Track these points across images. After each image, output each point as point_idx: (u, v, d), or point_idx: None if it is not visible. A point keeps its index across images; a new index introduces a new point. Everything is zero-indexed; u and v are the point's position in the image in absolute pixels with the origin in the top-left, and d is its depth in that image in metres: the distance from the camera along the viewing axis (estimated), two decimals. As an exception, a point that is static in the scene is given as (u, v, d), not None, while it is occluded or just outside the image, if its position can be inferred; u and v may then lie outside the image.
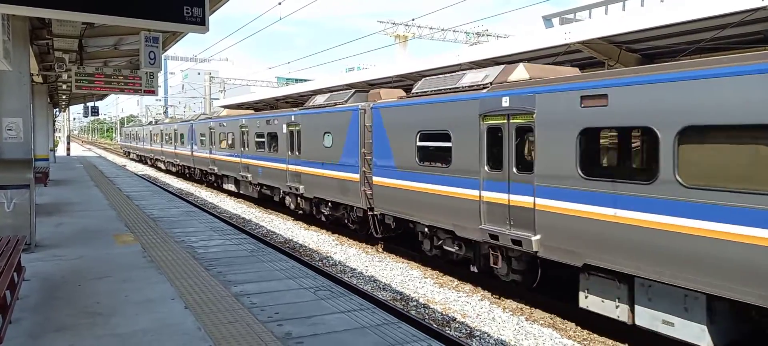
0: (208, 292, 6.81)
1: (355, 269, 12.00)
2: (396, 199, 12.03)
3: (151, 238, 10.29)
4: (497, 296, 10.13)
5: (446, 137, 10.38)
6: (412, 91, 11.91)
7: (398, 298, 9.99)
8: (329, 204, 15.19)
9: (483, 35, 41.26)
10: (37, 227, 9.55)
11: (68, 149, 48.55)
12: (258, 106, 29.59)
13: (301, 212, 17.21)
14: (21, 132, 8.79)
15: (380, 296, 9.76)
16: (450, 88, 10.72)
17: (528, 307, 9.55)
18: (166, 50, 13.83)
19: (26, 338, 5.25)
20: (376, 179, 12.72)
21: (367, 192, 13.08)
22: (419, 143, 11.22)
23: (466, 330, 8.45)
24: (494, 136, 9.38)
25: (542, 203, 8.36)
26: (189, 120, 31.16)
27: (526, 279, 9.42)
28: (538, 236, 8.45)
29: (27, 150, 8.91)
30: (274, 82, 55.41)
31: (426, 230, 11.30)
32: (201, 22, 4.68)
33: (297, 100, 26.42)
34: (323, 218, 16.00)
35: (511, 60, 12.44)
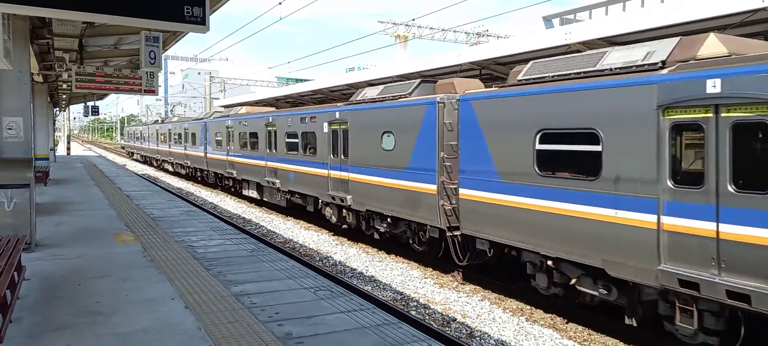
0: (208, 292, 6.81)
1: (355, 269, 12.00)
2: (497, 219, 9.36)
3: (152, 237, 10.28)
4: (498, 297, 10.12)
5: (591, 138, 7.70)
6: (519, 76, 9.29)
7: (398, 298, 9.99)
8: (388, 219, 12.60)
9: (483, 36, 41.26)
10: (37, 227, 9.55)
11: (68, 149, 48.56)
12: (279, 103, 27.75)
13: (345, 226, 14.92)
14: (21, 131, 8.79)
15: (380, 296, 9.76)
16: (591, 72, 7.99)
17: (528, 307, 9.55)
18: (166, 50, 13.84)
19: (26, 338, 5.24)
20: (464, 192, 10.06)
21: (447, 207, 10.63)
22: (540, 147, 8.51)
23: (467, 331, 8.45)
24: (684, 136, 6.90)
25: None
26: (201, 119, 28.25)
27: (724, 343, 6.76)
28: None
29: (27, 149, 8.91)
30: (274, 82, 55.42)
31: (548, 263, 8.59)
32: (201, 22, 4.67)
33: (300, 100, 25.71)
34: (377, 236, 13.70)
35: (512, 61, 12.45)
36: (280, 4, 20.65)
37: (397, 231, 12.64)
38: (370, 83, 16.88)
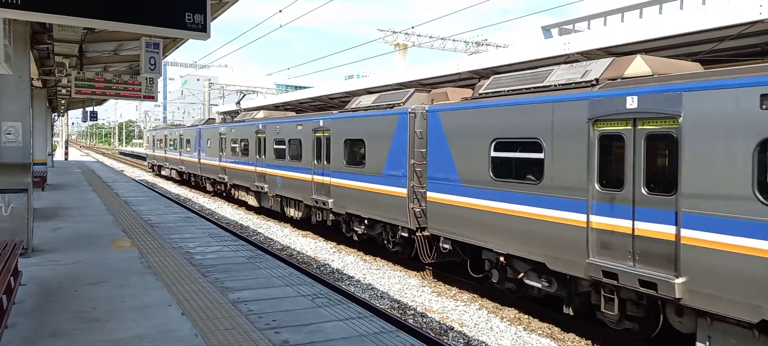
0: (205, 298, 6.79)
1: (352, 277, 11.98)
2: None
3: (149, 243, 10.26)
4: (496, 306, 10.11)
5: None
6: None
7: (396, 306, 9.96)
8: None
9: (482, 45, 41.41)
10: (34, 232, 9.52)
11: (66, 154, 48.50)
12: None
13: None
14: (20, 136, 8.78)
15: (378, 305, 9.74)
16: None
17: (526, 316, 9.53)
18: (166, 56, 13.84)
19: (22, 343, 5.22)
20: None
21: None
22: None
23: (464, 339, 8.43)
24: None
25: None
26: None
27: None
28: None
29: (25, 154, 8.89)
30: (273, 89, 55.47)
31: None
32: (202, 29, 4.69)
33: (299, 107, 24.86)
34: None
35: (507, 69, 12.49)
36: (280, 12, 20.73)
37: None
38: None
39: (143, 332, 5.55)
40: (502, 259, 9.41)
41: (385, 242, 13.13)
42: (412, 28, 32.68)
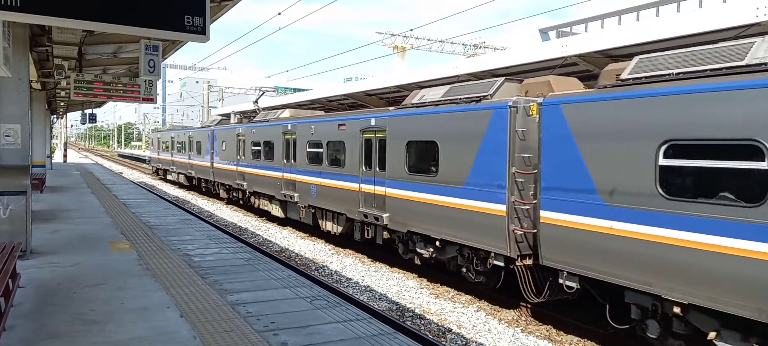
0: (204, 300, 6.80)
1: (351, 279, 11.99)
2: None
3: (148, 246, 10.27)
4: (493, 308, 10.12)
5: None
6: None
7: (394, 308, 9.98)
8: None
9: (480, 47, 41.49)
10: (32, 234, 9.53)
11: (65, 156, 48.47)
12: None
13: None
14: (19, 138, 8.79)
15: (376, 307, 9.75)
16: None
17: (524, 319, 9.55)
18: (165, 58, 13.87)
19: (20, 345, 5.23)
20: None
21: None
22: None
23: (462, 342, 8.45)
24: None
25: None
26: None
27: None
28: None
29: (24, 156, 8.90)
30: (272, 92, 55.45)
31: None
32: (202, 32, 4.71)
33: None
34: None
35: (508, 73, 12.53)
36: (279, 14, 20.77)
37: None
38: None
39: (142, 334, 5.56)
40: (677, 309, 6.78)
41: (463, 269, 10.52)
42: (411, 30, 32.73)
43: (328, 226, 15.42)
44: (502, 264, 9.37)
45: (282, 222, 19.34)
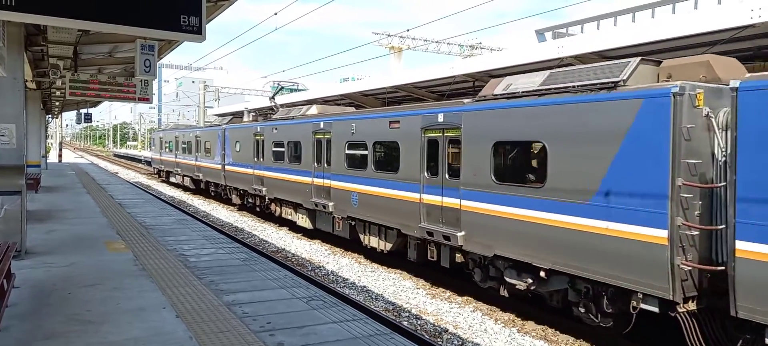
0: (200, 301, 6.78)
1: (347, 279, 11.99)
2: None
3: (143, 246, 10.24)
4: (490, 308, 10.14)
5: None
6: None
7: (390, 308, 9.98)
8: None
9: (476, 48, 41.56)
10: (27, 234, 9.49)
11: (60, 156, 48.30)
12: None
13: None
14: (13, 138, 8.75)
15: (373, 307, 9.75)
16: None
17: (520, 319, 9.56)
18: (161, 58, 13.84)
19: (15, 346, 5.21)
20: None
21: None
22: None
23: (458, 341, 8.46)
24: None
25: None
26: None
27: None
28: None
29: (19, 156, 8.87)
30: (269, 91, 55.44)
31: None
32: (198, 31, 4.71)
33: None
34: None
35: (505, 73, 12.56)
36: (275, 14, 20.76)
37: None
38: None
39: (138, 335, 5.54)
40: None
41: (579, 308, 8.22)
42: (407, 30, 32.77)
43: (373, 242, 12.96)
44: (655, 309, 7.04)
45: (278, 222, 19.30)
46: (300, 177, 15.97)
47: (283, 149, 17.20)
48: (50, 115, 40.07)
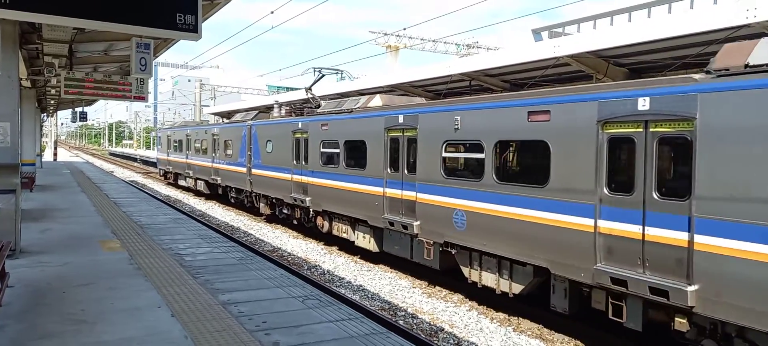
0: (195, 300, 6.77)
1: (343, 279, 11.98)
2: None
3: (138, 245, 10.21)
4: (485, 307, 10.15)
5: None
6: None
7: (387, 307, 9.98)
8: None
9: (473, 47, 41.60)
10: (22, 233, 9.44)
11: (55, 154, 48.12)
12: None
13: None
14: (8, 137, 8.71)
15: (369, 306, 9.75)
16: None
17: (515, 318, 9.58)
18: (157, 56, 13.80)
19: (10, 346, 5.18)
20: None
21: None
22: None
23: (454, 341, 8.47)
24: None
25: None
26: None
27: None
28: None
29: (14, 155, 8.82)
30: (265, 91, 55.38)
31: None
32: (193, 30, 4.70)
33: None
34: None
35: (501, 72, 12.57)
36: (272, 13, 20.70)
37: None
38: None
39: (133, 334, 5.53)
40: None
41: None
42: (404, 29, 32.80)
43: (489, 279, 9.56)
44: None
45: (274, 221, 19.25)
46: (364, 186, 12.71)
47: (336, 150, 13.99)
48: (45, 114, 39.90)
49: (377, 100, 13.58)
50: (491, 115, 9.47)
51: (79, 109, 36.52)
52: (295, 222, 17.04)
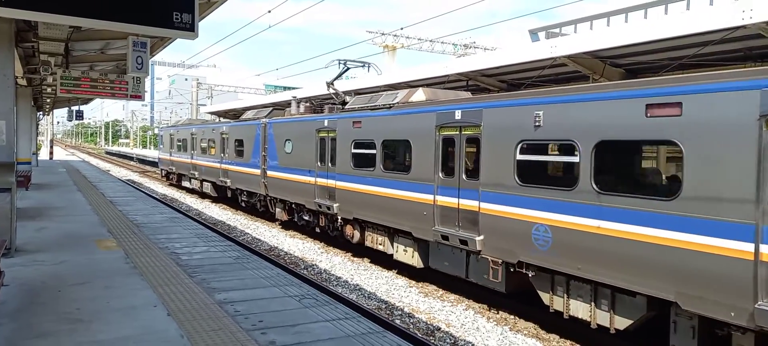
0: (191, 299, 6.76)
1: (340, 278, 11.98)
2: None
3: (134, 244, 10.18)
4: (482, 307, 10.16)
5: None
6: None
7: (383, 307, 9.99)
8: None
9: (470, 47, 41.64)
10: (18, 232, 9.41)
11: (51, 153, 47.95)
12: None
13: None
14: (3, 135, 8.67)
15: (365, 305, 9.75)
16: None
17: (512, 317, 9.60)
18: (153, 55, 13.77)
19: (5, 344, 5.16)
20: None
21: None
22: None
23: (451, 340, 8.48)
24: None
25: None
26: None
27: None
28: None
29: (9, 153, 8.78)
30: (262, 90, 55.31)
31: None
32: (190, 28, 4.69)
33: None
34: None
35: (498, 73, 12.57)
36: (269, 12, 20.67)
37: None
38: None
39: (129, 333, 5.51)
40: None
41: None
42: (401, 29, 32.78)
43: (581, 309, 8.07)
44: None
45: (271, 220, 19.22)
46: (407, 193, 11.14)
47: (372, 151, 12.38)
48: (41, 112, 39.76)
49: (420, 95, 11.75)
50: (589, 109, 7.77)
51: (75, 108, 36.38)
52: (317, 230, 15.46)
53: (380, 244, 12.46)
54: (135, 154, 65.41)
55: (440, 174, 10.36)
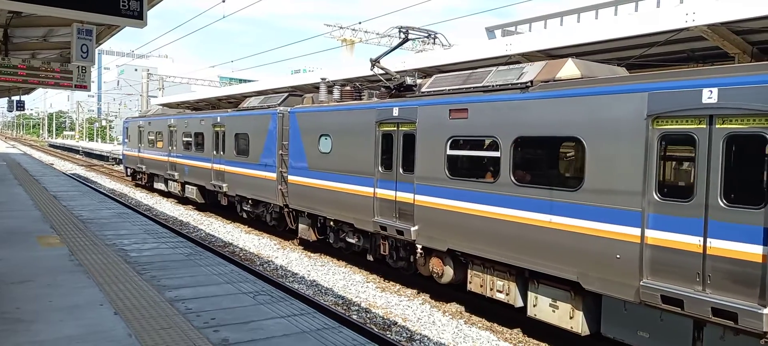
0: (140, 297, 6.54)
1: (297, 274, 11.87)
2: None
3: (80, 240, 9.77)
4: (438, 301, 10.28)
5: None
6: None
7: (340, 302, 9.96)
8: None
9: (428, 43, 41.95)
10: (-50, 228, 8.86)
11: (-11, 145, 45.45)
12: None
13: None
14: (-66, 125, 8.15)
15: (321, 301, 9.70)
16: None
17: (467, 312, 9.76)
18: (100, 44, 13.21)
19: (-65, 348, 4.86)
20: None
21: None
22: None
23: (407, 334, 8.54)
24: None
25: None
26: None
27: None
28: None
29: (-59, 145, 8.26)
30: (216, 82, 54.07)
31: None
32: (138, 16, 4.52)
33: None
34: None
35: (455, 69, 12.70)
36: (223, 2, 20.19)
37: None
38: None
39: (72, 333, 5.29)
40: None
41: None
42: (359, 23, 32.68)
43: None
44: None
45: (226, 216, 18.79)
46: (571, 221, 7.40)
47: (492, 154, 8.68)
48: (-22, 102, 37.61)
49: (570, 68, 8.14)
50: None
51: (15, 98, 34.57)
52: (369, 258, 11.70)
53: (499, 290, 8.74)
54: (81, 147, 62.82)
55: (655, 194, 6.60)
